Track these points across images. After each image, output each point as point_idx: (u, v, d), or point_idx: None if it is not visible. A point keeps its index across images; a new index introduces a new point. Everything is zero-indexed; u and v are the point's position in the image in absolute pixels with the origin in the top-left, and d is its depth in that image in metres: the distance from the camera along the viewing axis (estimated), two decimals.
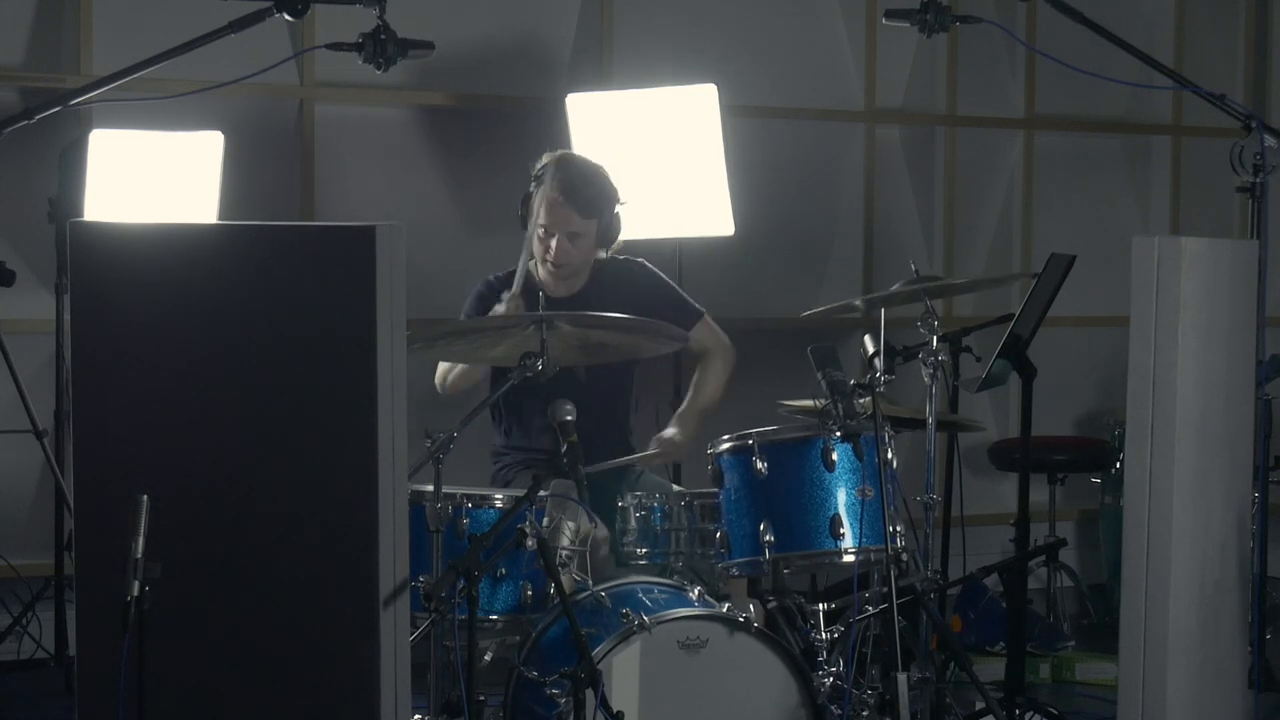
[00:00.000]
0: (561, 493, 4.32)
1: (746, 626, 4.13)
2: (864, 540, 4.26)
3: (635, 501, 4.46)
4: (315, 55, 5.87)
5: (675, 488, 4.66)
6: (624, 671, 4.03)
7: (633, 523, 4.46)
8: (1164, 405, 4.09)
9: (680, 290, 5.12)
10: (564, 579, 4.22)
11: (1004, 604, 5.51)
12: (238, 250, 3.79)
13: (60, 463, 5.34)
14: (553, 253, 4.87)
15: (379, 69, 4.36)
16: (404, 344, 3.71)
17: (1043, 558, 6.21)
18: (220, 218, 5.27)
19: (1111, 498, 6.54)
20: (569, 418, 4.25)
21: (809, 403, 4.41)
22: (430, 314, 5.29)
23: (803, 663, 4.18)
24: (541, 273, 4.93)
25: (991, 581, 5.66)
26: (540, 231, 4.87)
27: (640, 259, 5.13)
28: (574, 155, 5.03)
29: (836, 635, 4.33)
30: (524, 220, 4.91)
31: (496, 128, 6.25)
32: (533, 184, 4.90)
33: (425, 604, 3.89)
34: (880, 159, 6.85)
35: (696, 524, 4.45)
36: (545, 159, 4.95)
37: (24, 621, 5.49)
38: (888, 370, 4.43)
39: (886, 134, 6.89)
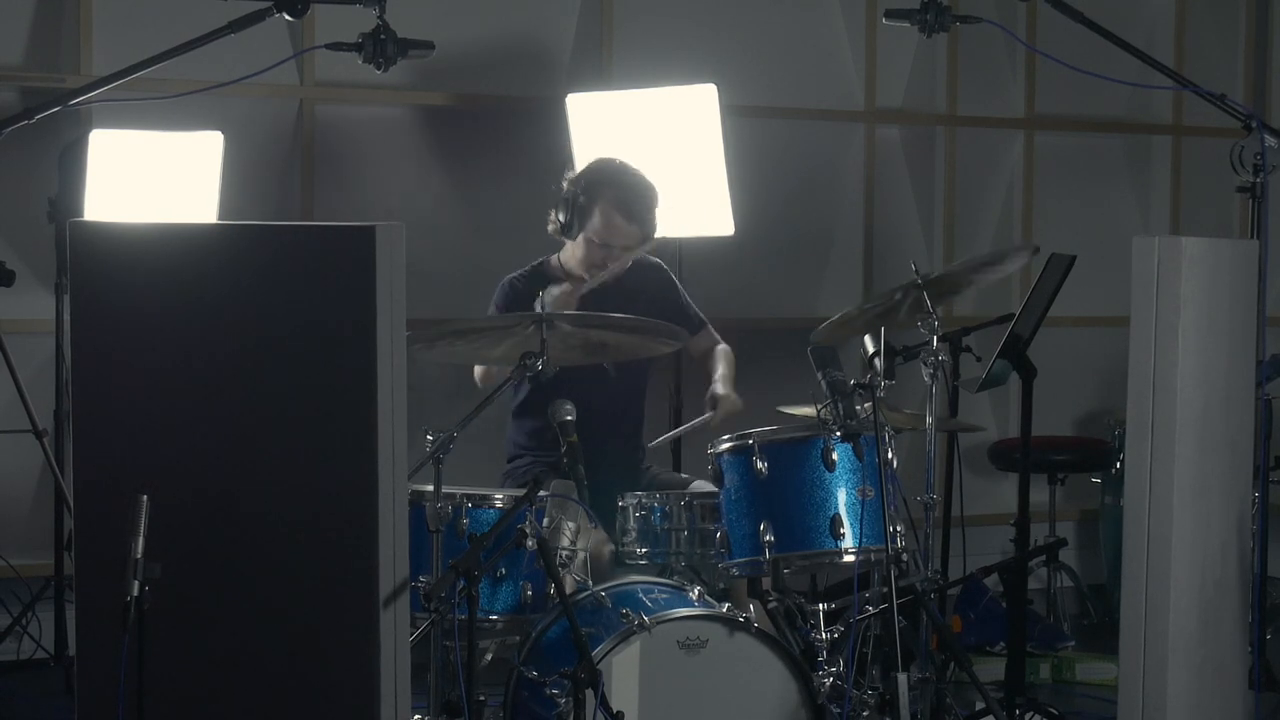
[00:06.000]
0: (561, 493, 4.33)
1: (746, 626, 4.13)
2: (864, 540, 4.26)
3: (635, 501, 4.47)
4: (315, 55, 5.87)
5: (684, 477, 4.66)
6: (624, 671, 4.04)
7: (633, 523, 4.46)
8: (1164, 405, 4.09)
9: (687, 299, 5.19)
10: (564, 579, 4.22)
11: (1004, 604, 5.52)
12: (238, 250, 3.79)
13: (60, 463, 5.34)
14: (613, 265, 4.95)
15: (379, 69, 4.36)
16: (404, 344, 3.71)
17: (1043, 558, 6.22)
18: (220, 218, 5.27)
19: (1111, 498, 6.54)
20: (569, 418, 4.25)
21: (810, 410, 4.40)
22: (430, 314, 5.30)
23: (803, 663, 4.18)
24: (584, 273, 4.98)
25: (991, 581, 5.66)
26: (596, 240, 4.92)
27: (659, 261, 5.20)
28: (626, 168, 5.01)
29: (836, 635, 4.33)
30: (566, 227, 4.94)
31: (496, 128, 6.25)
32: (581, 194, 4.92)
33: (425, 604, 3.89)
34: (880, 159, 6.85)
35: (696, 524, 4.45)
36: (593, 167, 5.01)
37: (24, 621, 5.49)
38: (888, 374, 4.42)
39: (886, 134, 6.89)
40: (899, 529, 4.31)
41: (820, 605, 4.35)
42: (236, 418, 3.70)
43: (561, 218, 4.94)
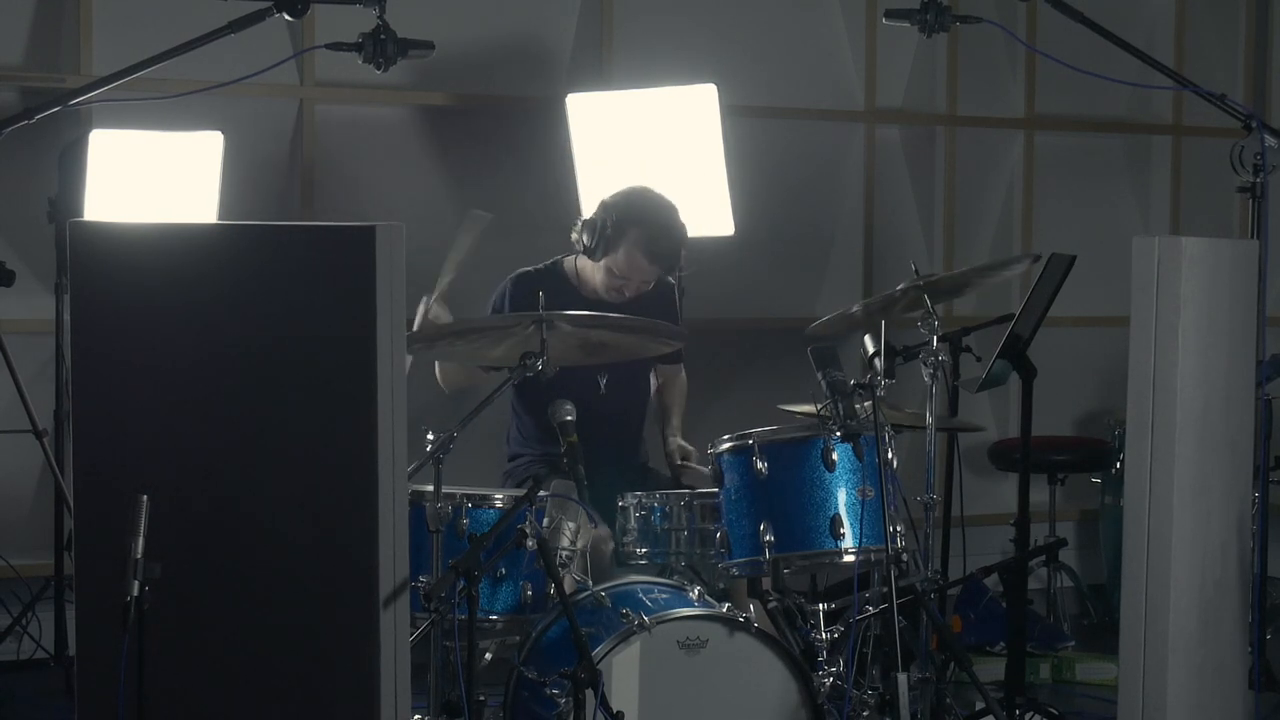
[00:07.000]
0: (561, 493, 4.33)
1: (746, 626, 4.13)
2: (864, 540, 4.26)
3: (635, 501, 4.47)
4: (315, 55, 5.87)
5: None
6: (624, 671, 4.03)
7: (633, 523, 4.46)
8: (1164, 405, 4.09)
9: (680, 320, 5.17)
10: (564, 579, 4.22)
11: (1004, 604, 5.51)
12: (238, 250, 3.79)
13: (60, 463, 5.33)
14: (629, 294, 4.92)
15: (379, 69, 4.36)
16: (404, 344, 3.71)
17: (1043, 558, 6.21)
18: (220, 218, 5.27)
19: (1111, 498, 6.54)
20: (569, 418, 4.25)
21: (810, 410, 4.41)
22: None
23: (803, 663, 4.18)
24: (602, 293, 4.95)
25: (991, 581, 5.66)
26: (616, 272, 4.89)
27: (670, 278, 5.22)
28: (660, 206, 4.92)
29: (836, 635, 4.33)
30: (591, 251, 4.88)
31: (496, 128, 6.25)
32: (610, 225, 4.85)
33: (425, 604, 3.89)
34: (880, 159, 6.85)
35: (696, 524, 4.45)
36: (627, 200, 4.91)
37: (24, 621, 5.49)
38: (888, 374, 4.42)
39: (886, 134, 6.89)
40: (899, 529, 4.31)
41: (820, 605, 4.35)
42: (236, 418, 3.70)
43: (586, 239, 4.90)
